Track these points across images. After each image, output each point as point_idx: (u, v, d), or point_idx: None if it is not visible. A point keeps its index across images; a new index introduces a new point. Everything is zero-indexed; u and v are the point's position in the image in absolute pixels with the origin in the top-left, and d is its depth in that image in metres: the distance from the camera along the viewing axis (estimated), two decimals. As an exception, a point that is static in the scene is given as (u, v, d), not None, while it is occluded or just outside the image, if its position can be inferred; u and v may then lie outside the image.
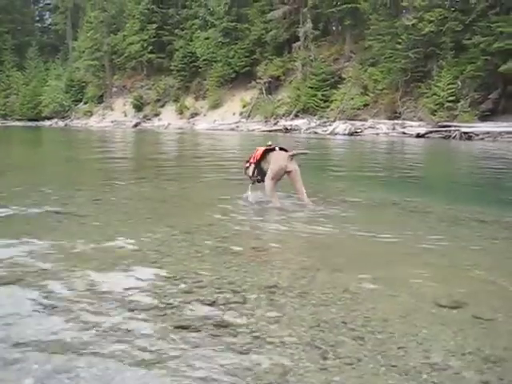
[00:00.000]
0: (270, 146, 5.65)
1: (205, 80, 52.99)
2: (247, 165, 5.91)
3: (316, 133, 34.80)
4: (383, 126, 32.63)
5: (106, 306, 2.56)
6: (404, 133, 30.47)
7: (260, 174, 5.70)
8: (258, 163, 5.69)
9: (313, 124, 37.92)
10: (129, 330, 2.29)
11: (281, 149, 5.63)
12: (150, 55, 57.47)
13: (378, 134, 31.65)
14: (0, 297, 2.66)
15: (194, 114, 52.29)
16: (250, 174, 5.82)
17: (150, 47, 57.29)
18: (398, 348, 2.18)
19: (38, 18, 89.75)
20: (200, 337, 2.25)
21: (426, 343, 2.23)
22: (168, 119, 52.55)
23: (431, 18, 31.69)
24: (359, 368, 2.01)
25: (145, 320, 2.41)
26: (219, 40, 49.96)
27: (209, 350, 2.12)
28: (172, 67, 55.48)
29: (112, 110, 61.51)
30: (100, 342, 2.17)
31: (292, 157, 5.50)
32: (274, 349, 2.15)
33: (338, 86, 40.36)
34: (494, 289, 3.01)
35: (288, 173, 5.49)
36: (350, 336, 2.28)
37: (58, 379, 1.89)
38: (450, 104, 30.41)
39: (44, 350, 2.10)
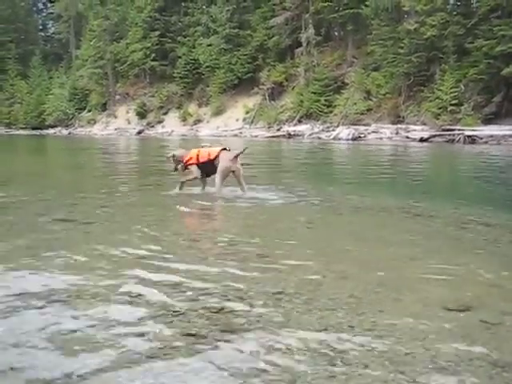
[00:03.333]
0: (208, 145, 6.78)
1: (208, 87, 53.07)
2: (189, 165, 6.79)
3: (319, 138, 34.81)
4: (387, 130, 32.61)
5: (112, 315, 2.56)
6: (407, 137, 30.43)
7: (205, 171, 6.70)
8: (203, 163, 6.62)
9: (316, 129, 37.92)
10: (135, 339, 2.30)
11: (223, 149, 6.62)
12: (152, 63, 57.63)
13: (381, 138, 31.62)
14: (5, 303, 2.67)
15: (197, 121, 52.36)
16: (196, 174, 6.74)
17: (153, 55, 57.46)
18: (406, 354, 2.17)
19: (41, 27, 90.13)
20: (207, 344, 2.25)
21: (433, 348, 2.22)
22: (171, 126, 52.64)
23: (433, 23, 31.70)
24: (367, 374, 2.01)
25: (152, 327, 2.41)
26: (222, 47, 50.05)
27: (216, 357, 2.12)
28: (175, 74, 55.61)
29: (115, 117, 61.67)
30: (107, 349, 2.18)
31: (236, 158, 6.42)
32: (281, 355, 2.15)
33: (341, 91, 40.35)
34: (501, 292, 3.00)
35: (233, 172, 6.45)
36: (357, 342, 2.28)
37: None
38: (453, 108, 30.37)
39: (52, 353, 2.10)
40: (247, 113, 47.85)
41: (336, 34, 48.90)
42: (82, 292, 2.87)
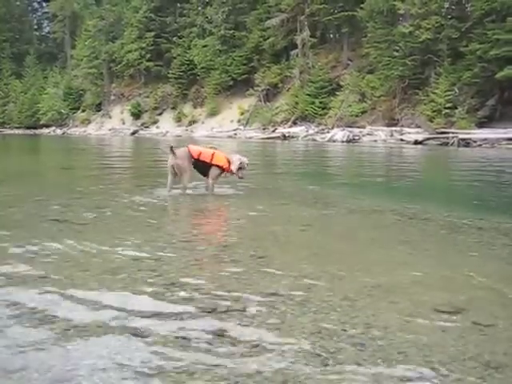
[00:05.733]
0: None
1: (203, 88, 53.11)
2: None
3: (314, 140, 34.85)
4: (381, 132, 32.70)
5: (106, 315, 2.55)
6: (402, 139, 30.54)
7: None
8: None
9: (311, 131, 37.97)
10: (129, 340, 2.29)
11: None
12: (147, 63, 57.61)
13: (375, 140, 31.71)
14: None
15: (192, 122, 52.36)
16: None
17: (148, 55, 57.45)
18: (399, 353, 2.18)
19: (36, 27, 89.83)
20: (200, 345, 2.24)
21: (426, 350, 2.23)
22: (166, 127, 52.60)
23: (428, 26, 31.86)
24: (360, 373, 2.01)
25: (145, 328, 2.40)
26: (217, 48, 50.10)
27: (209, 359, 2.12)
28: (170, 75, 55.59)
29: (110, 117, 61.58)
30: (100, 351, 2.17)
31: (174, 154, 6.37)
32: (274, 356, 2.15)
33: (336, 93, 40.44)
34: (494, 295, 3.01)
35: (172, 167, 6.43)
36: (350, 343, 2.28)
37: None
38: (447, 111, 30.50)
39: (44, 358, 2.09)
40: (242, 114, 47.89)
41: (331, 36, 49.06)
42: (75, 292, 2.86)
